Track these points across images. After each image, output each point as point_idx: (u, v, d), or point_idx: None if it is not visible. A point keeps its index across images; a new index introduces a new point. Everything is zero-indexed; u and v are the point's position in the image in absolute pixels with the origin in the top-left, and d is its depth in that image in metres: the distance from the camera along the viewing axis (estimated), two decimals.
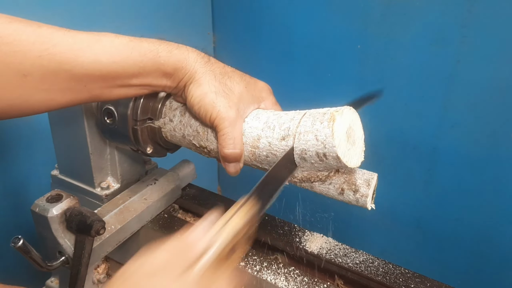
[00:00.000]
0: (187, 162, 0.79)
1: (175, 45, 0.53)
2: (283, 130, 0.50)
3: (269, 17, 1.34)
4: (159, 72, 0.52)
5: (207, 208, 0.74)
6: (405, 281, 0.60)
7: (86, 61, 0.48)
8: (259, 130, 0.52)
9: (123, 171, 0.72)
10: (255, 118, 0.54)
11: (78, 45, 0.47)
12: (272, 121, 0.52)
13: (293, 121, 0.50)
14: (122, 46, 0.49)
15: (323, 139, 0.46)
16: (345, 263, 0.63)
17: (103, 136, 0.66)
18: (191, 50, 0.54)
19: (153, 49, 0.50)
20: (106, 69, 0.49)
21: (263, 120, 0.53)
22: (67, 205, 0.58)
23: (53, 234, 0.58)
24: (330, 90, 1.28)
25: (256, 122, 0.53)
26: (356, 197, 0.52)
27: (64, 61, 0.47)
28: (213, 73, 0.53)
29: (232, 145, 0.52)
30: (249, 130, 0.53)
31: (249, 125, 0.54)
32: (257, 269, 0.61)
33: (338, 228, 0.68)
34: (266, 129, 0.52)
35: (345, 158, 0.47)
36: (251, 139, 0.53)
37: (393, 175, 1.27)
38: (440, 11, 1.06)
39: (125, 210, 0.66)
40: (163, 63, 0.51)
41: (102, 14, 1.05)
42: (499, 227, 1.12)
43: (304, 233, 0.69)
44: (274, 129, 0.51)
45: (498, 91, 1.04)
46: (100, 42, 0.49)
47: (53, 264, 0.58)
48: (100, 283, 0.77)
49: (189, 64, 0.52)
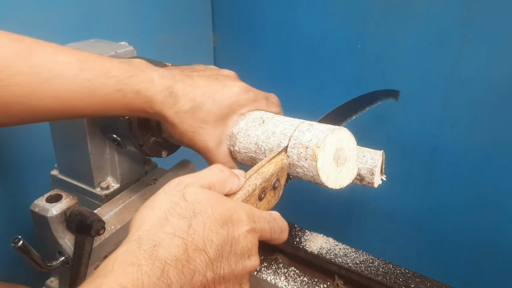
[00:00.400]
0: (187, 162, 0.79)
1: (143, 78, 0.49)
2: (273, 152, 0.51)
3: (269, 17, 1.34)
4: (126, 111, 0.50)
5: None
6: (405, 281, 0.60)
7: (44, 96, 0.44)
8: (254, 142, 0.53)
9: (123, 171, 0.72)
10: (245, 135, 0.54)
11: (36, 78, 0.43)
12: (261, 142, 0.53)
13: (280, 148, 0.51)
14: (85, 82, 0.46)
15: (311, 175, 0.47)
16: (345, 263, 0.63)
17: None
18: (157, 84, 0.49)
19: (120, 89, 0.47)
20: (67, 104, 0.46)
21: (254, 140, 0.53)
22: (67, 205, 0.58)
23: (52, 234, 0.58)
24: (330, 90, 1.28)
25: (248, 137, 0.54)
26: (363, 184, 0.53)
27: (20, 94, 0.43)
28: (180, 113, 0.51)
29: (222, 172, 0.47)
30: (247, 141, 0.54)
31: (244, 134, 0.54)
32: (257, 269, 0.61)
33: (338, 228, 0.69)
34: (258, 151, 0.53)
35: (337, 184, 0.48)
36: (251, 149, 0.53)
37: (393, 175, 1.26)
38: (440, 11, 1.06)
39: (125, 210, 0.66)
40: (128, 103, 0.48)
41: (101, 14, 1.05)
42: (499, 227, 1.12)
43: (304, 233, 0.69)
44: (265, 153, 0.52)
45: (498, 91, 1.04)
46: (61, 77, 0.45)
47: (52, 264, 0.58)
48: None
49: (156, 106, 0.50)
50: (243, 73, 0.62)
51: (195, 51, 1.45)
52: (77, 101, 0.46)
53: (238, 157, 0.55)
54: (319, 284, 0.59)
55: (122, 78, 0.47)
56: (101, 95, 0.46)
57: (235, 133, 0.54)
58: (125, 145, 0.63)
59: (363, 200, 1.36)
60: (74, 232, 0.58)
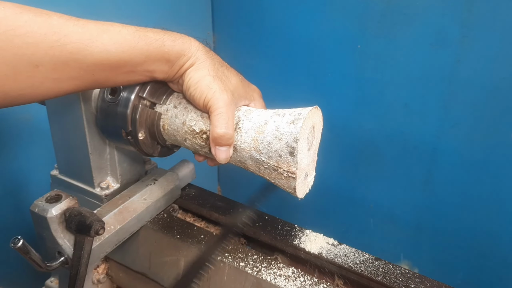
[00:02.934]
0: (186, 162, 0.79)
1: (179, 35, 0.55)
2: (293, 115, 0.51)
3: (268, 17, 1.34)
4: (163, 60, 0.54)
5: (207, 208, 0.73)
6: (405, 281, 0.60)
7: (96, 51, 0.49)
8: (268, 117, 0.53)
9: (122, 171, 0.72)
10: (259, 111, 0.56)
11: (88, 35, 0.48)
12: (281, 111, 0.53)
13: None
14: (129, 35, 0.51)
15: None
16: (345, 263, 0.62)
17: (97, 117, 0.64)
18: (193, 40, 0.56)
19: (158, 39, 0.53)
20: (115, 58, 0.50)
21: (271, 111, 0.54)
22: (67, 205, 0.58)
23: (52, 235, 0.58)
24: (330, 90, 1.28)
25: (264, 111, 0.55)
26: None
27: (75, 51, 0.48)
28: (213, 61, 0.56)
29: (225, 125, 0.53)
30: (257, 118, 0.54)
31: (257, 113, 0.55)
32: (258, 269, 0.61)
33: (338, 229, 0.69)
34: (275, 116, 0.53)
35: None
36: (257, 125, 0.53)
37: (393, 175, 1.27)
38: (440, 11, 1.06)
39: (125, 210, 0.66)
40: (167, 51, 0.53)
41: (101, 15, 1.05)
42: (499, 227, 1.12)
43: (304, 233, 0.69)
44: (284, 116, 0.52)
45: (498, 91, 1.04)
46: (108, 32, 0.50)
47: (52, 265, 0.58)
48: (100, 283, 0.77)
49: (191, 52, 0.55)
50: (242, 73, 0.63)
51: None
52: (123, 53, 0.51)
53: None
54: (319, 284, 0.59)
55: (159, 32, 0.54)
56: (142, 46, 0.52)
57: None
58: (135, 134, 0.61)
59: (363, 200, 1.36)
60: (73, 232, 0.58)
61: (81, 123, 0.65)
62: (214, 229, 0.74)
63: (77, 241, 0.57)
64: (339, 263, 0.62)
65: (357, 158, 1.32)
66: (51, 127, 0.70)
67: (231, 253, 0.64)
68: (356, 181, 1.34)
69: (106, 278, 0.77)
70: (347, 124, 1.29)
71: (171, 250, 0.67)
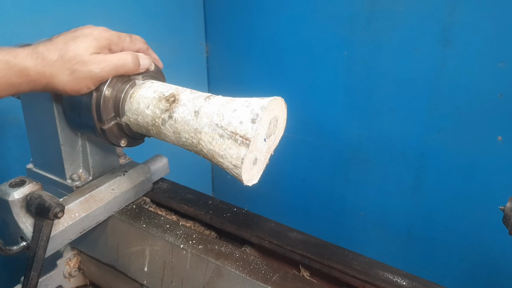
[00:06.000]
0: (159, 156, 0.80)
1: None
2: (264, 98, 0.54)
3: (260, 27, 1.36)
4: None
5: (176, 201, 0.73)
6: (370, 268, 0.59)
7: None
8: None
9: (95, 164, 0.72)
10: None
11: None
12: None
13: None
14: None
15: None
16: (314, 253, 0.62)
17: (64, 108, 0.66)
18: (20, 54, 0.55)
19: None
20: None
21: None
22: (29, 190, 0.59)
23: (14, 219, 0.58)
24: (319, 96, 1.29)
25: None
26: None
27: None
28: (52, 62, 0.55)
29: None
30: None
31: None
32: (223, 260, 0.60)
33: (328, 237, 0.68)
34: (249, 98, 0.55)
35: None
36: (229, 99, 0.56)
37: (383, 182, 1.26)
38: (423, 16, 1.07)
39: (91, 199, 0.66)
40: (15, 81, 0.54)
41: (93, 23, 1.07)
42: (488, 231, 1.10)
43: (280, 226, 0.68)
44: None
45: (482, 94, 1.03)
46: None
47: (13, 248, 0.58)
48: (72, 277, 0.77)
49: (31, 70, 0.54)
50: (235, 81, 0.64)
51: (188, 60, 1.47)
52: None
53: None
54: (287, 273, 0.58)
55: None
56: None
57: None
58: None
59: (353, 208, 1.35)
60: (33, 216, 0.58)
61: (52, 114, 0.66)
62: (185, 222, 0.74)
63: (36, 223, 0.57)
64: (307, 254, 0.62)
65: (346, 165, 1.31)
66: (26, 120, 0.72)
67: (194, 242, 0.63)
68: (346, 187, 1.33)
69: (78, 272, 0.77)
70: (336, 130, 1.30)
71: (138, 240, 0.67)
